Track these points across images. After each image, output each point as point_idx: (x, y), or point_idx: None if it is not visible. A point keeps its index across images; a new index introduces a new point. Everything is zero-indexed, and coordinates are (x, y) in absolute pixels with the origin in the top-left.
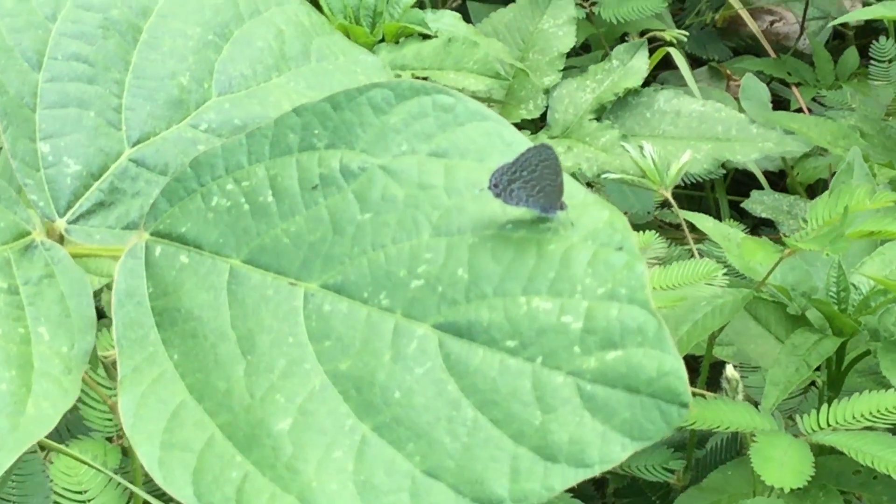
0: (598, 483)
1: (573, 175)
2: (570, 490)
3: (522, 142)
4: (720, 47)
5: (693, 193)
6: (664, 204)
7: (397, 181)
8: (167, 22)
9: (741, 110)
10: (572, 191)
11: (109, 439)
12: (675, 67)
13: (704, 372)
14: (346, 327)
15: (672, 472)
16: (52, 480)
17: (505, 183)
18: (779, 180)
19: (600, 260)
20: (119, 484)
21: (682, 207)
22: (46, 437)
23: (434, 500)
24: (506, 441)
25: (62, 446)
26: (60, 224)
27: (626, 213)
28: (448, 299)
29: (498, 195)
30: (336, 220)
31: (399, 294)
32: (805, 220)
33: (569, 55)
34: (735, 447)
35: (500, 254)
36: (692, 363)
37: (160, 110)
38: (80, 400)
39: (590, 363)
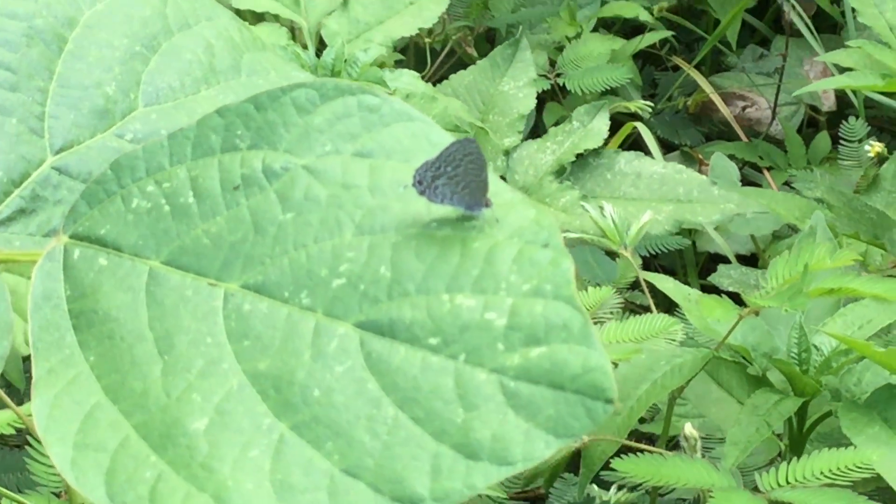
0: None
1: None
2: None
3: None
4: (692, 133)
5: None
6: (634, 286)
7: (321, 181)
8: (93, 32)
9: None
10: (498, 189)
11: (57, 494)
12: (641, 145)
13: (664, 433)
14: (265, 327)
15: None
16: None
17: (429, 180)
18: (751, 265)
19: (525, 257)
20: None
21: (651, 291)
22: None
23: (353, 499)
24: (427, 439)
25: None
26: None
27: (590, 283)
28: (370, 297)
29: (422, 192)
30: (257, 220)
31: (320, 293)
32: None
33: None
34: None
35: (424, 252)
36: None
37: (85, 119)
38: (27, 455)
39: (513, 360)
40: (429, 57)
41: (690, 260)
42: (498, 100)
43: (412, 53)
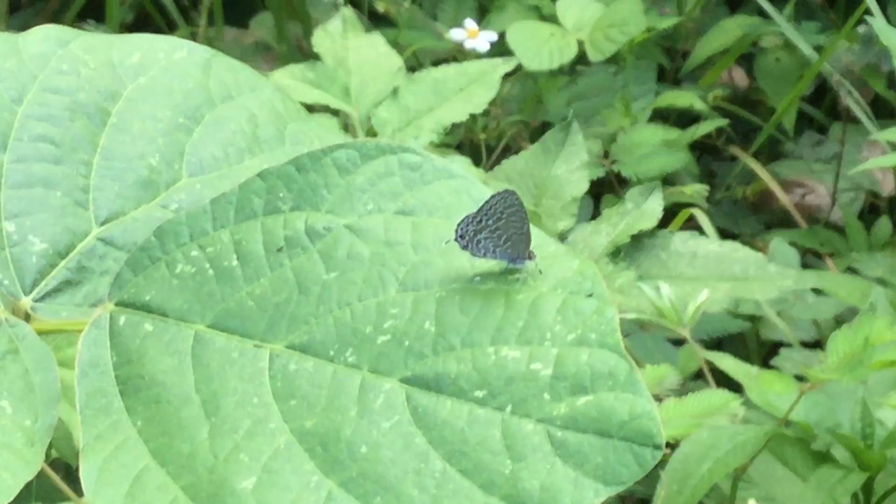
0: None
1: None
2: None
3: None
4: (751, 221)
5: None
6: (697, 376)
7: (363, 239)
8: (136, 105)
9: None
10: (541, 242)
11: None
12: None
13: None
14: (311, 385)
15: None
16: None
17: (471, 234)
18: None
19: (570, 307)
20: None
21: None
22: None
23: None
24: (476, 491)
25: None
26: (26, 302)
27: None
28: (415, 353)
29: (465, 247)
30: (301, 280)
31: (366, 350)
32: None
33: None
34: None
35: (468, 306)
36: None
37: (129, 191)
38: None
39: (560, 409)
40: (484, 153)
41: (754, 349)
42: (550, 184)
43: (467, 149)
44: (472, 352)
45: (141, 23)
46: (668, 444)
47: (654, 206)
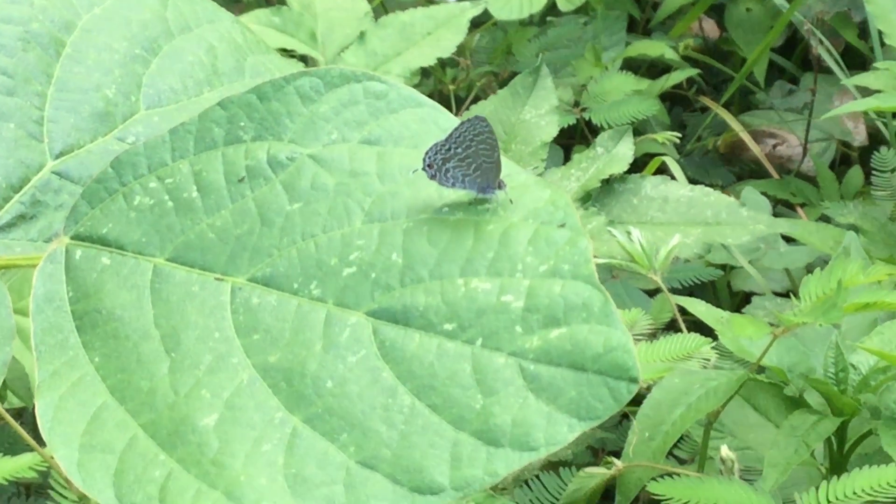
0: None
1: None
2: None
3: None
4: (723, 172)
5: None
6: (669, 326)
7: (328, 170)
8: (92, 36)
9: None
10: (512, 171)
11: None
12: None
13: (702, 459)
14: (275, 319)
15: None
16: None
17: (439, 163)
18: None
19: (541, 237)
20: None
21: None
22: None
23: (370, 491)
24: (445, 427)
25: None
26: None
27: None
28: (382, 285)
29: (433, 177)
30: (264, 211)
31: (330, 283)
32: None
33: None
34: None
35: (436, 237)
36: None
37: (85, 123)
38: (49, 494)
39: (532, 342)
40: (454, 103)
41: (726, 300)
42: (520, 129)
43: (437, 100)
44: (441, 284)
45: None
46: (640, 391)
47: (624, 151)
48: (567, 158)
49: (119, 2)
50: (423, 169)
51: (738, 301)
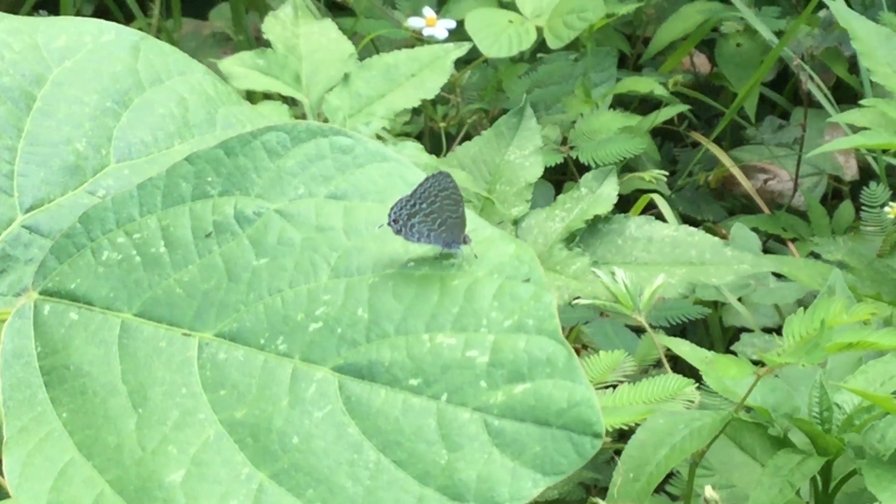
0: None
1: None
2: None
3: None
4: (715, 208)
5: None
6: (658, 364)
7: (294, 224)
8: (63, 89)
9: None
10: (477, 225)
11: None
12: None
13: (687, 500)
14: (242, 375)
15: None
16: None
17: (405, 218)
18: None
19: (506, 292)
20: None
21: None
22: None
23: None
24: (410, 482)
25: None
26: None
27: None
28: (348, 340)
29: (398, 231)
30: (231, 266)
31: (297, 338)
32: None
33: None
34: None
35: (402, 292)
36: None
37: (55, 176)
38: None
39: (497, 397)
40: (444, 141)
41: (717, 336)
42: (504, 169)
43: (427, 139)
44: (407, 339)
45: (99, 14)
46: (623, 432)
47: (609, 191)
48: (558, 195)
49: (90, 54)
50: (389, 224)
51: (730, 336)
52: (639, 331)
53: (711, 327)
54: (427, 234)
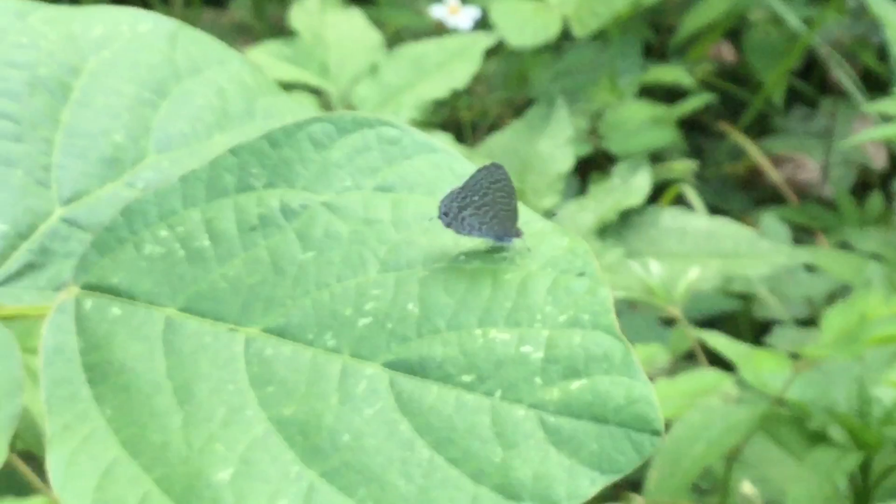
0: None
1: None
2: None
3: None
4: (741, 198)
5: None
6: (689, 356)
7: (341, 217)
8: (100, 80)
9: None
10: (529, 218)
11: None
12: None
13: (723, 496)
14: (289, 371)
15: None
16: None
17: (455, 210)
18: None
19: (561, 287)
20: None
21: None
22: None
23: None
24: (465, 481)
25: None
26: None
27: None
28: (398, 336)
29: (448, 224)
30: (277, 260)
31: (346, 333)
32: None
33: None
34: None
35: (453, 286)
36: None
37: (93, 168)
38: None
39: (553, 394)
40: (469, 131)
41: (746, 328)
42: (535, 161)
43: (452, 128)
44: (459, 334)
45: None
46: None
47: (641, 183)
48: (584, 185)
49: (127, 44)
50: (439, 217)
51: (759, 329)
52: (669, 323)
53: (740, 319)
54: (478, 227)
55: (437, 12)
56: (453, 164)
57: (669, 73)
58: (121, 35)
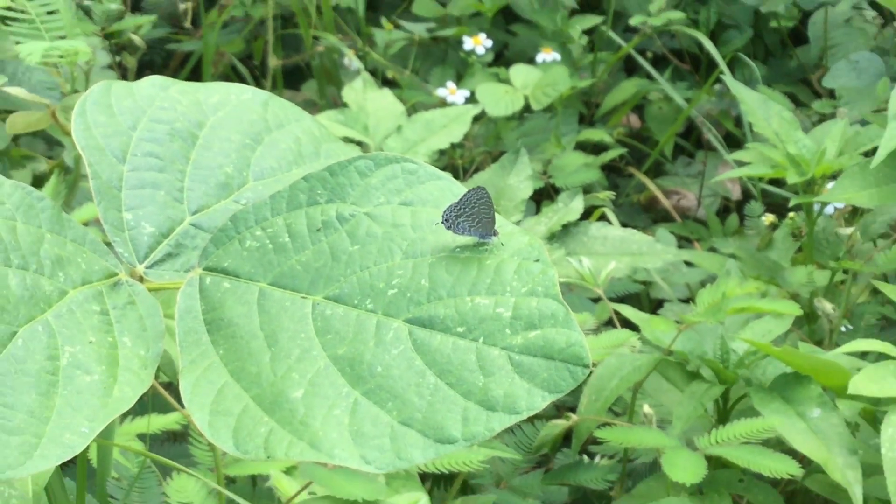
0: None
1: None
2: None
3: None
4: (644, 218)
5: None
6: (607, 323)
7: (377, 223)
8: (216, 131)
9: None
10: (502, 223)
11: (211, 469)
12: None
13: (630, 414)
14: (342, 325)
15: (611, 484)
16: (165, 494)
17: (453, 218)
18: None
19: (523, 269)
20: (217, 499)
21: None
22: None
23: (408, 442)
24: (458, 398)
25: (179, 465)
26: (140, 269)
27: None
28: (415, 301)
29: (449, 227)
30: (334, 251)
31: (380, 300)
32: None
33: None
34: (655, 468)
35: (451, 268)
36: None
37: (212, 190)
38: (189, 441)
39: (517, 340)
40: (461, 172)
41: (646, 305)
42: (506, 191)
43: (449, 170)
44: (455, 300)
45: None
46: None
47: (577, 205)
48: (538, 210)
49: (235, 107)
50: (442, 222)
51: (655, 305)
52: (595, 300)
53: (643, 298)
54: (469, 229)
55: (440, 92)
56: (452, 187)
57: (596, 134)
58: (230, 101)
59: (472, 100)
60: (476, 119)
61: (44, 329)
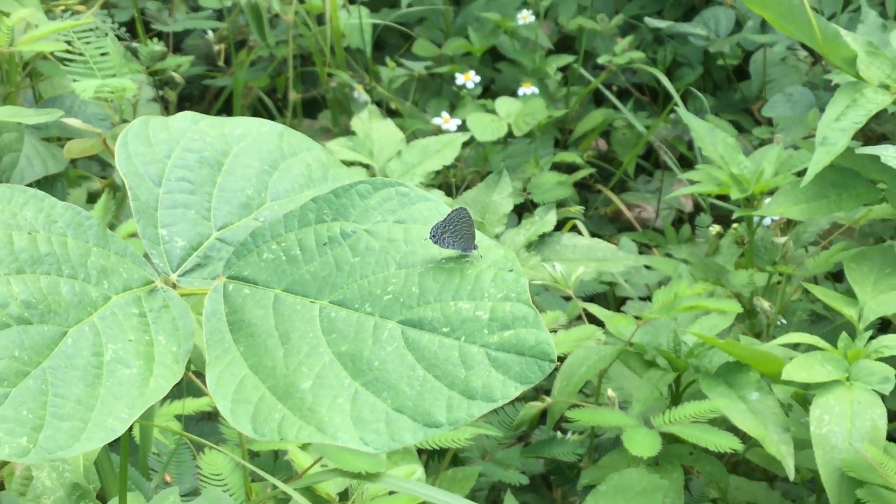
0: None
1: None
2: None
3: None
4: (610, 228)
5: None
6: (577, 318)
7: (375, 238)
8: (239, 159)
9: None
10: (481, 238)
11: (237, 445)
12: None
13: (597, 397)
14: (345, 325)
15: (580, 457)
16: (199, 467)
17: (439, 234)
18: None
19: (499, 277)
20: (242, 471)
21: (588, 320)
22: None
23: (400, 426)
24: (443, 388)
25: (210, 443)
26: (173, 277)
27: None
28: (406, 305)
29: (435, 242)
30: (338, 262)
31: (377, 304)
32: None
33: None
34: (618, 443)
35: (438, 277)
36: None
37: (235, 210)
38: (219, 420)
39: (493, 339)
40: (454, 189)
41: (612, 302)
42: (491, 206)
43: (444, 187)
44: (441, 305)
45: (254, 115)
46: (560, 357)
47: (551, 218)
48: (519, 220)
49: (255, 138)
50: (430, 238)
51: (619, 303)
52: (567, 298)
53: (609, 297)
54: (452, 243)
55: (436, 121)
56: (439, 207)
57: (569, 156)
58: (251, 133)
59: (463, 127)
60: (466, 144)
61: (90, 329)
